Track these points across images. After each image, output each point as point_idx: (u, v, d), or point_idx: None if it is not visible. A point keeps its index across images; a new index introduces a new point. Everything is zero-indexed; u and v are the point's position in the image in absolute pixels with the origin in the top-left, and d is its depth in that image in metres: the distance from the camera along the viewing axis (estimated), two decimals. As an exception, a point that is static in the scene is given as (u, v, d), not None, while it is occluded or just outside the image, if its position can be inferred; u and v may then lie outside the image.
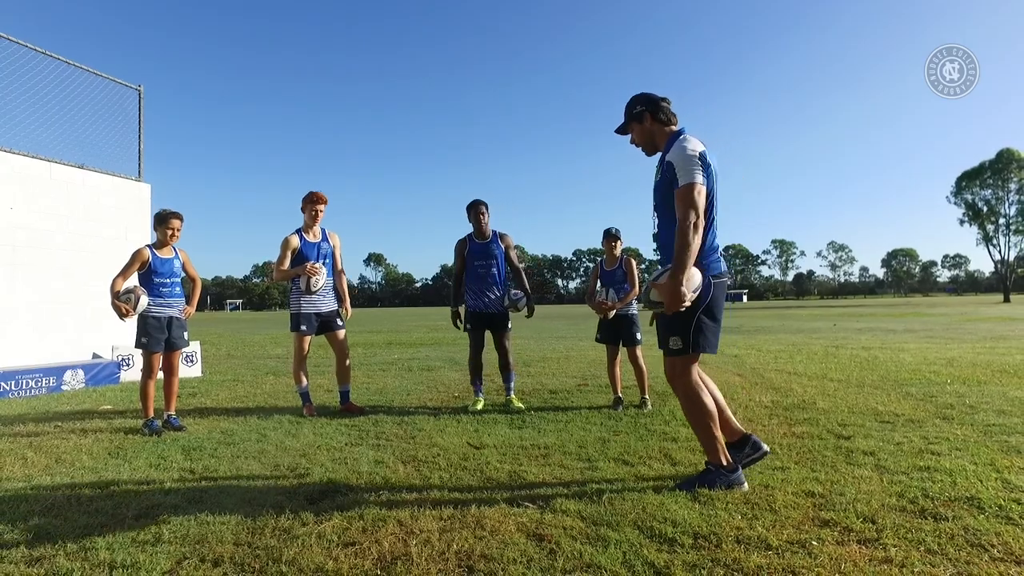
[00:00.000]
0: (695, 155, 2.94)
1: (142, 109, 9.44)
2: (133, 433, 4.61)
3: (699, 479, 3.05)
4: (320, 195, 5.36)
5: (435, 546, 2.41)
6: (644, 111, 3.19)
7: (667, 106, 3.18)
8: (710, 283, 3.03)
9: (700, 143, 3.03)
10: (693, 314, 3.00)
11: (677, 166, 2.96)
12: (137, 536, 2.54)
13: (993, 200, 59.13)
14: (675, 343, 3.06)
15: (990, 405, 5.08)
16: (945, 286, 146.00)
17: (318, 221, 5.42)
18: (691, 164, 2.92)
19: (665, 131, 3.18)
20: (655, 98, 3.19)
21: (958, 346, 10.65)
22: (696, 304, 2.99)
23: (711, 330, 3.07)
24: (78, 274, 8.18)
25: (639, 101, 3.21)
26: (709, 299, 3.03)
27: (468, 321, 5.60)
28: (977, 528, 2.45)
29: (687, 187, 2.90)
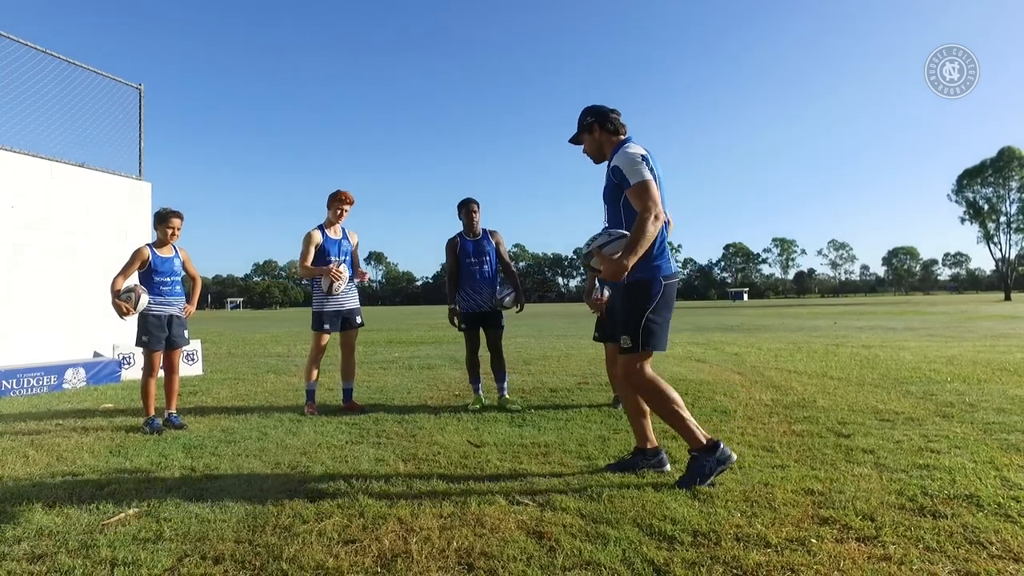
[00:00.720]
0: (638, 156, 3.08)
1: (143, 108, 9.45)
2: (134, 431, 4.62)
3: (690, 471, 3.09)
4: (348, 195, 5.43)
5: (435, 544, 2.42)
6: (593, 122, 3.35)
7: (616, 117, 3.34)
8: (661, 284, 3.13)
9: (642, 148, 3.17)
10: (642, 314, 3.11)
11: (624, 168, 3.09)
12: (138, 534, 2.55)
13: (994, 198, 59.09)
14: (625, 342, 3.17)
15: (990, 403, 5.09)
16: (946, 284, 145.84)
17: (342, 220, 5.49)
18: (637, 164, 3.06)
19: (612, 140, 3.33)
20: (604, 110, 3.36)
21: (958, 344, 10.65)
22: (645, 305, 3.12)
23: (660, 329, 3.16)
24: (79, 273, 8.19)
25: (589, 113, 3.38)
26: (659, 299, 3.13)
27: (462, 321, 5.61)
28: (976, 526, 2.46)
29: (639, 184, 3.03)
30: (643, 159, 3.08)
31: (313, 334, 5.38)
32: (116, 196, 8.93)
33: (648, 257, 3.11)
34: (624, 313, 3.20)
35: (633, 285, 3.15)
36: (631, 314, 3.14)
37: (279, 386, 7.13)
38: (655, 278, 3.12)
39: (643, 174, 3.03)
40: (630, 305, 3.16)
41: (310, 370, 5.39)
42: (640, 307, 3.11)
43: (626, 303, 3.20)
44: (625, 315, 3.18)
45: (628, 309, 3.17)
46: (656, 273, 3.13)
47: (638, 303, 3.13)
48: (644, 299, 3.12)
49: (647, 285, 3.13)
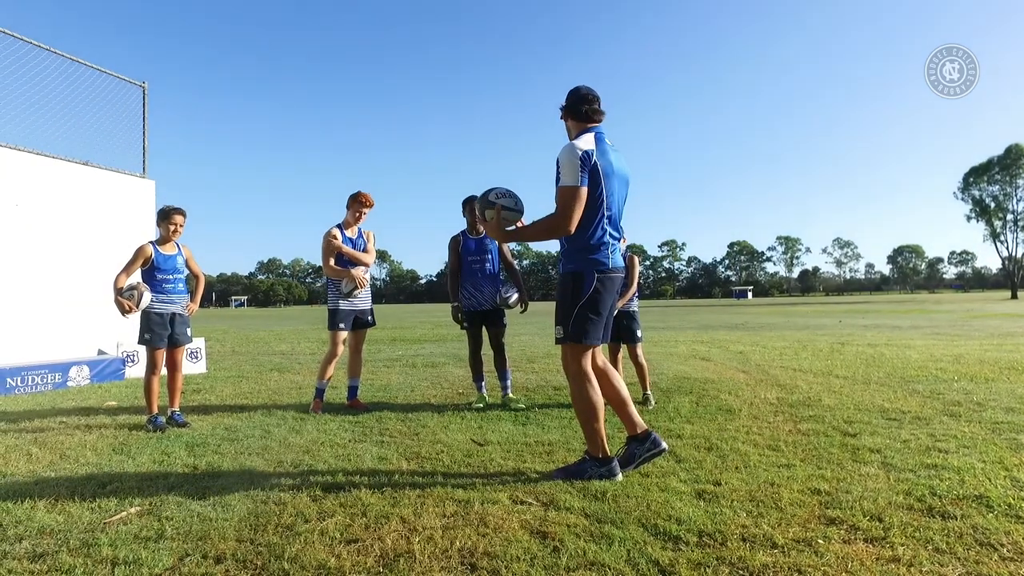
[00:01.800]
0: (578, 157, 3.01)
1: (146, 106, 9.45)
2: (137, 429, 4.62)
3: (572, 467, 3.20)
4: (368, 197, 5.46)
5: (438, 543, 2.40)
6: (564, 107, 3.31)
7: (585, 106, 3.25)
8: (594, 277, 3.11)
9: (592, 142, 3.10)
10: (574, 307, 3.12)
11: (560, 164, 3.07)
12: (140, 532, 2.53)
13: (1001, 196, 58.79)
14: (557, 332, 3.21)
15: (998, 402, 5.04)
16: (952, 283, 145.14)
17: (360, 222, 5.54)
18: (573, 164, 3.01)
19: (578, 126, 3.26)
20: (578, 95, 3.27)
21: (965, 343, 10.58)
22: (577, 297, 3.12)
23: (593, 322, 3.15)
24: (83, 270, 8.19)
25: (566, 97, 3.31)
26: (591, 292, 3.12)
27: (465, 320, 5.60)
28: (986, 527, 2.43)
29: (567, 188, 3.02)
30: (584, 158, 3.02)
31: (330, 334, 5.39)
32: (120, 194, 8.93)
33: (582, 249, 3.12)
34: (558, 303, 3.23)
35: (567, 276, 3.18)
36: (563, 305, 3.17)
37: (283, 384, 7.12)
38: (588, 271, 3.12)
39: (574, 178, 3.00)
40: (564, 295, 3.19)
41: (325, 369, 5.39)
42: (572, 299, 3.13)
43: (560, 293, 3.23)
44: (559, 305, 3.21)
45: (561, 300, 3.20)
46: (590, 267, 3.12)
47: (570, 295, 3.14)
48: (576, 291, 3.13)
49: (580, 278, 3.13)
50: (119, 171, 9.04)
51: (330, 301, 5.41)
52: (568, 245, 3.18)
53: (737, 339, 12.65)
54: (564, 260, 3.22)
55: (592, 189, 3.07)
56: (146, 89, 9.45)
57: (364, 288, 5.32)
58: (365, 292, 5.51)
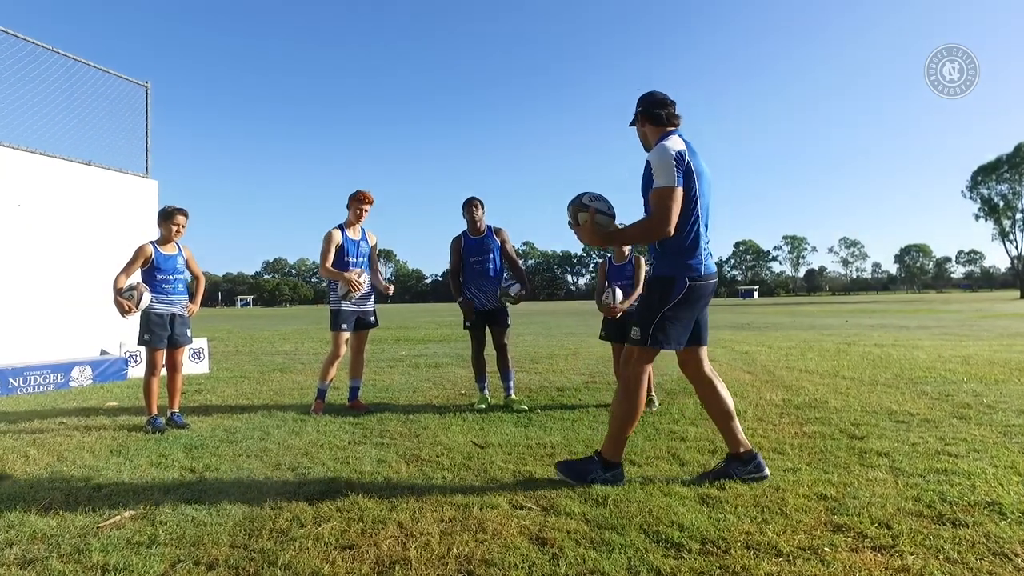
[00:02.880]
0: (672, 155, 2.94)
1: (149, 106, 9.43)
2: (137, 431, 4.59)
3: (579, 464, 3.16)
4: (367, 195, 5.41)
5: (435, 550, 2.35)
6: (639, 112, 3.24)
7: (664, 111, 3.18)
8: (686, 283, 3.02)
9: (681, 142, 3.03)
10: (659, 311, 3.03)
11: (653, 166, 2.98)
12: (132, 538, 2.49)
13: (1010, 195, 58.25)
14: (635, 333, 3.11)
15: (1009, 405, 4.95)
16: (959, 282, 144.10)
17: (362, 220, 5.48)
18: (667, 165, 2.93)
19: (657, 131, 3.18)
20: (654, 100, 3.20)
21: (974, 343, 10.46)
22: (664, 302, 3.03)
23: (675, 328, 3.06)
24: (86, 270, 8.18)
25: (639, 102, 3.24)
26: (680, 298, 3.03)
27: (467, 319, 5.56)
28: (999, 535, 2.36)
29: (663, 189, 2.93)
30: (678, 158, 2.94)
31: (332, 335, 5.34)
32: (123, 194, 8.92)
33: (677, 253, 3.04)
34: (642, 304, 3.16)
35: (657, 280, 3.10)
36: (649, 308, 3.08)
37: (284, 384, 7.09)
38: (680, 276, 3.03)
39: (669, 178, 2.91)
40: (650, 298, 3.11)
41: (327, 370, 5.35)
42: (659, 303, 3.04)
43: (647, 296, 3.16)
44: (642, 307, 3.15)
45: (647, 302, 3.13)
46: (683, 272, 3.03)
47: (658, 298, 3.05)
48: (665, 296, 3.03)
49: (671, 282, 3.04)
50: (122, 171, 9.04)
51: (332, 302, 5.36)
52: (661, 248, 3.09)
53: (742, 339, 12.56)
54: (656, 263, 3.14)
55: (686, 191, 2.98)
56: (149, 89, 9.44)
57: (361, 291, 5.25)
58: (367, 293, 5.47)
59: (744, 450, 3.14)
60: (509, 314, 5.61)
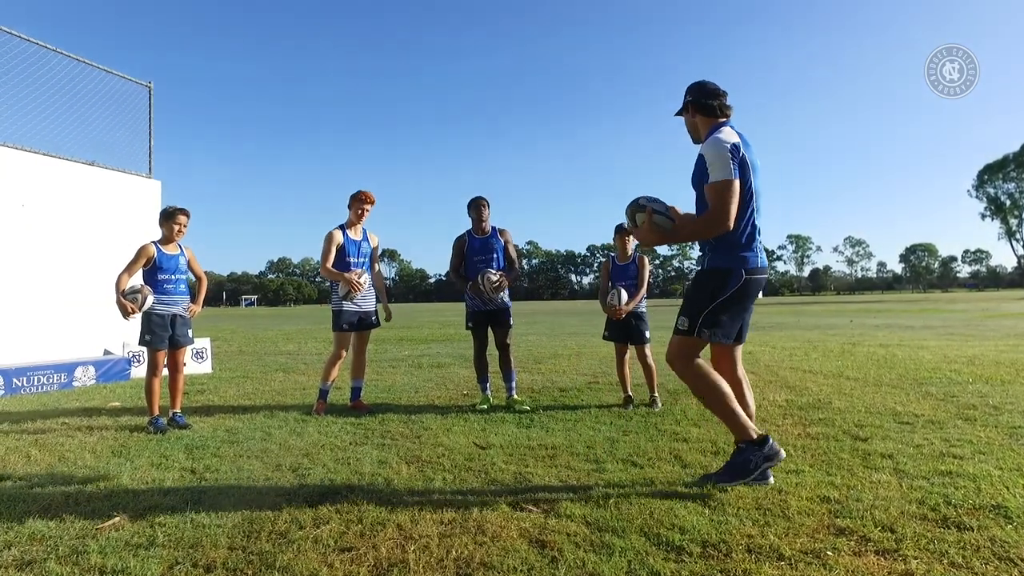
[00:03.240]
0: (727, 150, 2.87)
1: (152, 106, 9.46)
2: (138, 431, 4.59)
3: (731, 466, 2.98)
4: (369, 195, 5.41)
5: (434, 552, 2.34)
6: (691, 102, 3.14)
7: (716, 101, 3.10)
8: (742, 276, 2.96)
9: (735, 134, 2.96)
10: (712, 301, 2.97)
11: (708, 159, 2.92)
12: (131, 539, 2.48)
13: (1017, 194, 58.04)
14: (681, 323, 3.05)
15: (1015, 406, 4.91)
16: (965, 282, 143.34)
17: (363, 220, 5.47)
18: (723, 157, 2.87)
19: (708, 122, 3.11)
20: (706, 90, 3.12)
21: (980, 343, 10.39)
22: (717, 294, 2.96)
23: (728, 321, 3.01)
24: (89, 270, 8.19)
25: (689, 91, 3.17)
26: (735, 291, 2.96)
27: (470, 320, 5.55)
28: (1005, 539, 2.32)
29: (721, 182, 2.87)
30: (733, 151, 2.88)
31: (335, 335, 5.34)
32: (126, 194, 8.94)
33: (733, 246, 2.97)
34: (693, 295, 3.06)
35: (711, 272, 3.01)
36: (700, 299, 3.01)
37: (287, 385, 7.09)
38: (736, 269, 2.96)
39: (726, 171, 2.85)
40: (702, 290, 3.02)
41: (329, 371, 5.35)
42: (712, 294, 2.97)
43: (699, 287, 3.05)
44: (693, 298, 3.04)
45: (699, 293, 3.03)
46: (740, 264, 2.96)
47: (711, 290, 2.98)
48: (719, 288, 2.96)
49: (727, 274, 2.97)
50: (125, 171, 9.06)
51: (334, 302, 5.36)
52: (715, 240, 3.00)
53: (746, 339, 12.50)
54: (710, 255, 3.03)
55: (742, 183, 2.92)
56: (152, 89, 9.46)
57: (362, 291, 5.25)
58: (369, 293, 5.46)
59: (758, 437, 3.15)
60: (511, 314, 5.59)
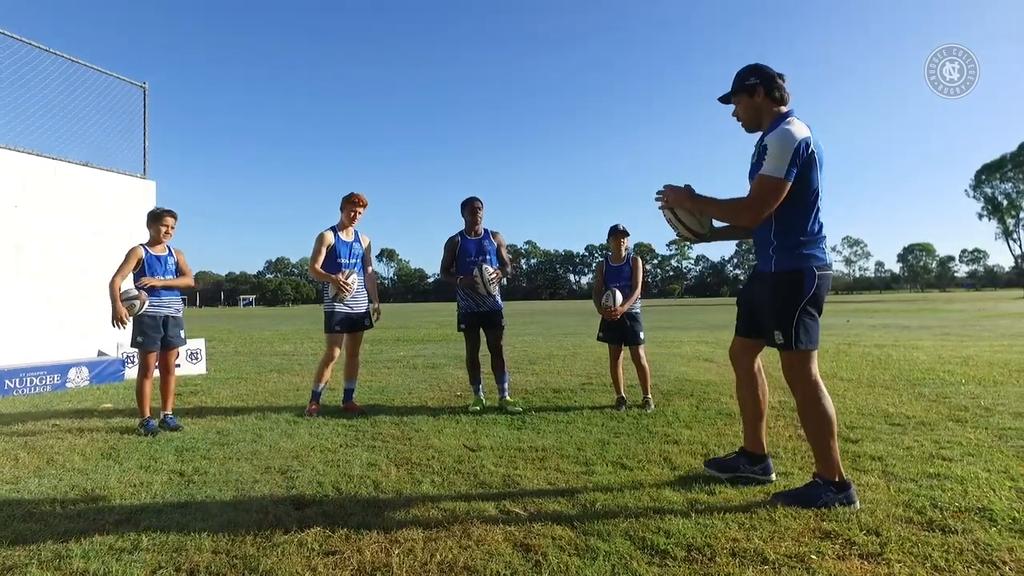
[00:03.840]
0: (795, 145, 2.72)
1: (147, 106, 9.43)
2: (129, 433, 4.57)
3: (803, 491, 2.83)
4: (361, 197, 5.41)
5: (418, 556, 2.33)
6: (758, 84, 2.93)
7: (782, 83, 2.94)
8: (815, 275, 2.82)
9: (806, 128, 2.80)
10: (796, 308, 2.81)
11: (771, 150, 2.76)
12: (115, 543, 2.47)
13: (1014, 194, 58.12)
14: (778, 338, 2.87)
15: (1006, 407, 4.91)
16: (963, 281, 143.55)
17: (355, 222, 5.48)
18: (786, 155, 2.71)
19: (774, 111, 2.94)
20: (772, 72, 2.95)
21: (975, 344, 10.40)
22: (798, 298, 2.81)
23: (815, 324, 2.87)
24: (83, 271, 8.18)
25: (753, 72, 2.96)
26: (813, 291, 2.82)
27: (462, 321, 5.54)
28: (988, 543, 2.32)
29: (773, 180, 2.73)
30: (799, 151, 2.72)
31: (327, 337, 5.34)
32: (121, 195, 8.92)
33: (799, 245, 2.82)
34: (774, 307, 2.88)
35: (784, 276, 2.85)
36: (783, 308, 2.83)
37: (281, 386, 7.08)
38: (808, 268, 2.81)
39: (783, 171, 2.70)
40: (781, 298, 2.85)
41: (321, 372, 5.35)
42: (793, 300, 2.81)
43: (776, 296, 2.88)
44: (776, 308, 2.87)
45: (778, 302, 2.87)
46: (809, 263, 2.82)
47: (788, 296, 2.82)
48: (798, 292, 2.80)
49: (800, 276, 2.81)
50: (120, 172, 9.04)
51: (326, 304, 5.35)
52: (781, 240, 2.86)
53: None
54: (776, 256, 2.88)
55: (808, 179, 2.77)
56: (147, 89, 9.44)
57: (351, 293, 5.24)
58: (361, 294, 5.45)
59: (759, 452, 3.20)
60: (503, 316, 5.58)
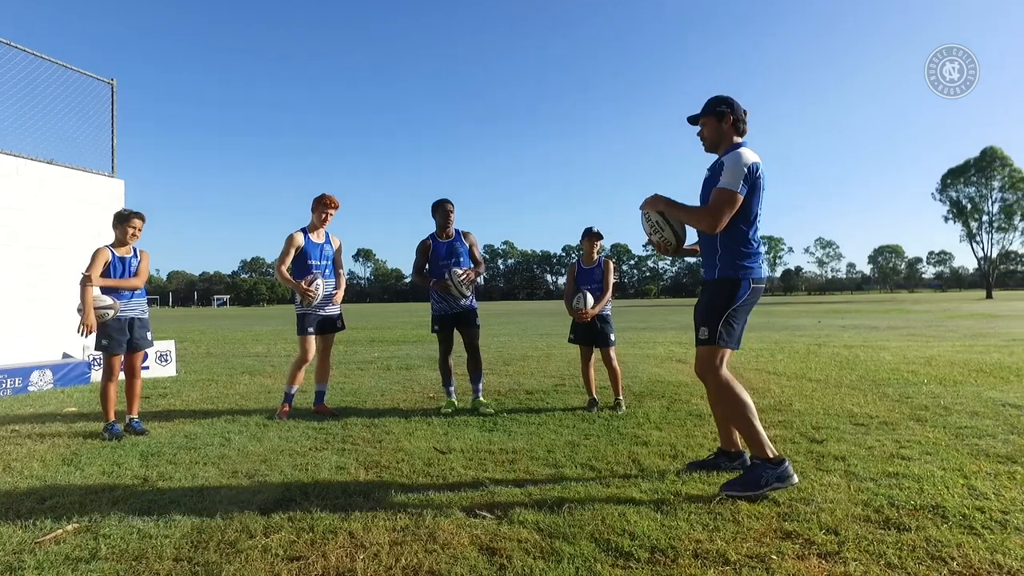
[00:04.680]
0: (746, 166, 3.07)
1: (115, 103, 9.24)
2: (93, 438, 4.48)
3: (742, 478, 3.06)
4: (332, 199, 5.36)
5: (383, 561, 2.33)
6: (728, 113, 3.29)
7: (745, 118, 3.32)
8: (749, 285, 3.16)
9: (756, 156, 3.16)
10: (724, 311, 3.15)
11: (726, 168, 3.10)
12: (72, 553, 2.42)
13: (977, 198, 59.74)
14: (703, 333, 3.21)
15: (963, 407, 5.06)
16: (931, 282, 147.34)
17: (326, 224, 5.42)
18: (739, 173, 3.06)
19: (733, 139, 3.29)
20: (740, 107, 3.32)
21: (938, 344, 10.68)
22: (730, 302, 3.15)
23: (737, 327, 3.20)
24: (49, 272, 7.99)
25: (725, 102, 3.32)
26: (744, 299, 3.15)
27: (436, 323, 5.53)
28: (939, 539, 2.40)
29: (727, 193, 3.06)
30: (751, 171, 3.07)
31: (299, 339, 5.27)
32: (88, 194, 8.72)
33: (740, 257, 3.16)
34: (706, 307, 3.23)
35: (722, 283, 3.19)
36: (713, 309, 3.18)
37: (252, 388, 6.99)
38: (744, 279, 3.15)
39: (737, 186, 3.05)
40: (716, 298, 3.19)
41: (294, 374, 5.28)
42: (724, 304, 3.15)
43: (711, 299, 3.22)
44: (707, 309, 3.22)
45: (711, 304, 3.21)
46: (746, 274, 3.16)
47: (723, 300, 3.16)
48: (730, 297, 3.15)
49: (736, 284, 3.15)
50: (86, 170, 8.83)
51: (298, 306, 5.30)
52: (723, 251, 3.20)
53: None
54: (720, 266, 3.21)
55: (750, 200, 3.12)
56: (115, 86, 9.24)
57: (316, 299, 5.17)
58: (331, 296, 5.40)
59: (735, 450, 3.45)
60: (478, 316, 5.58)
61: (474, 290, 5.54)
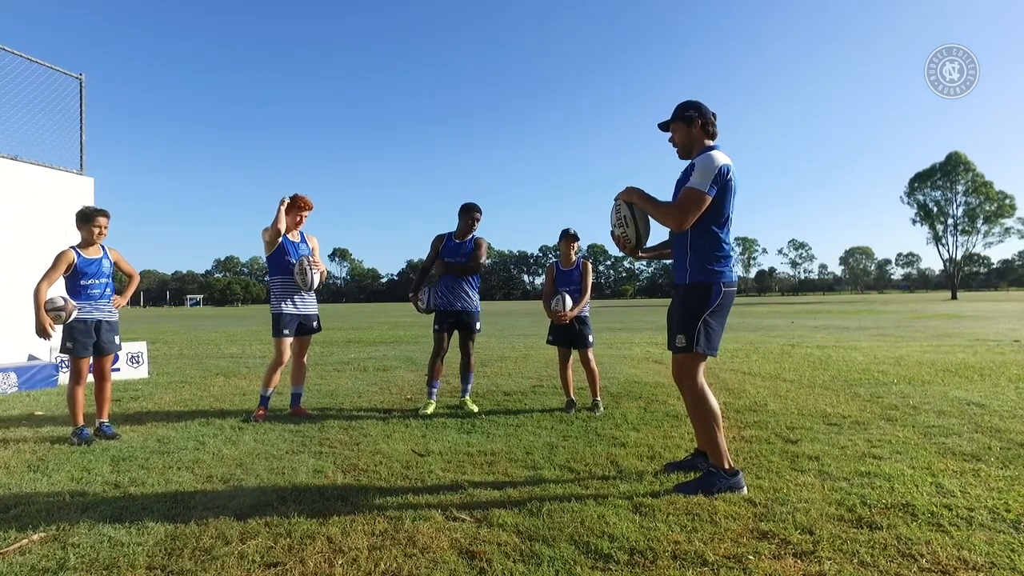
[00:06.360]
0: (716, 168, 3.10)
1: (84, 99, 9.01)
2: (61, 443, 4.37)
3: (698, 481, 3.13)
4: (307, 200, 5.31)
5: (362, 566, 2.31)
6: (696, 117, 3.31)
7: (714, 120, 3.34)
8: (721, 289, 3.17)
9: (727, 158, 3.18)
10: (699, 316, 3.16)
11: (697, 169, 3.14)
12: (38, 563, 2.36)
13: (942, 201, 61.31)
14: (680, 341, 3.21)
15: (931, 406, 5.19)
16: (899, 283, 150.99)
17: (301, 225, 5.38)
18: (709, 175, 3.09)
19: (705, 142, 3.31)
20: (708, 111, 3.33)
21: (907, 344, 10.95)
22: (703, 307, 3.17)
23: (715, 333, 3.20)
24: (13, 272, 7.75)
25: (693, 107, 3.34)
26: (717, 303, 3.17)
27: (436, 321, 5.56)
28: (909, 537, 2.46)
29: (696, 193, 3.10)
30: (720, 173, 3.10)
31: (274, 340, 5.20)
32: (55, 192, 8.48)
33: (710, 260, 3.18)
34: (681, 313, 3.24)
35: (694, 287, 3.21)
36: (688, 315, 3.19)
37: (226, 390, 6.87)
38: (715, 282, 3.17)
39: (705, 187, 3.09)
40: (688, 306, 3.21)
41: (270, 376, 5.21)
42: (698, 309, 3.17)
43: (684, 304, 3.24)
44: (682, 315, 3.23)
45: (684, 309, 3.22)
46: (717, 279, 3.18)
47: (696, 305, 3.18)
48: (703, 302, 3.17)
49: (707, 289, 3.17)
50: (53, 167, 8.59)
51: (273, 306, 5.23)
52: (694, 255, 3.22)
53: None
54: (691, 271, 3.23)
55: (721, 203, 3.15)
56: (83, 81, 9.01)
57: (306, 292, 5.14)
58: (310, 297, 5.36)
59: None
60: (479, 321, 5.67)
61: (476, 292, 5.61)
